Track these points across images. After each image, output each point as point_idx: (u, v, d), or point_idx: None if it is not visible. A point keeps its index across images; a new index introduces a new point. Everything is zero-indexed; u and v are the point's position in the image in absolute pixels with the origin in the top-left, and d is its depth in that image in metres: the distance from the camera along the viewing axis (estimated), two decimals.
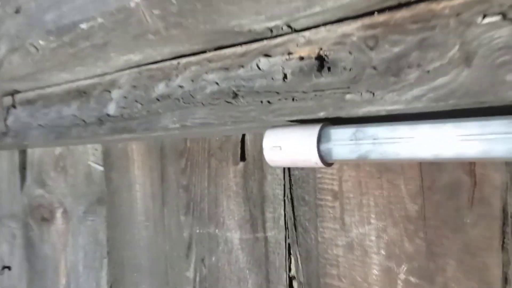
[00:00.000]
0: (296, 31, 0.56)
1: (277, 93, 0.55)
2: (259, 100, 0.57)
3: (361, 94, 0.48)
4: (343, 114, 0.49)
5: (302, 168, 0.68)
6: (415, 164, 0.58)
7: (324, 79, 0.51)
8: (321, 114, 0.51)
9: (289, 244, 0.70)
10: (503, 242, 0.52)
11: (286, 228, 0.70)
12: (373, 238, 0.62)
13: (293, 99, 0.53)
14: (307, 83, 0.53)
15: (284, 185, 0.70)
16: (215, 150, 0.79)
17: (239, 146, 0.76)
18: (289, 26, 0.56)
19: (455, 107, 0.43)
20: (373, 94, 0.47)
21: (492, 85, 0.40)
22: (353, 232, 0.63)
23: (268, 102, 0.56)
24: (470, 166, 0.54)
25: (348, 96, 0.49)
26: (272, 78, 0.56)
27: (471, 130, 0.42)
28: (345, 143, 0.50)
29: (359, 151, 0.49)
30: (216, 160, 0.79)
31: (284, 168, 0.70)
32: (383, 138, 0.47)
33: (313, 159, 0.50)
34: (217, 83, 0.62)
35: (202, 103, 0.63)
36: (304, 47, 0.55)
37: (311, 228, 0.67)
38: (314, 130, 0.50)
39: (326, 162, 0.51)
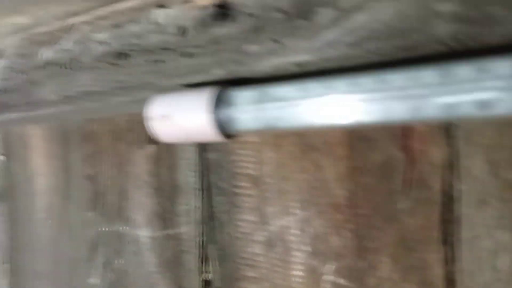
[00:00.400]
0: None
1: (173, 50, 0.44)
2: (152, 60, 0.45)
3: (265, 43, 0.37)
4: (244, 70, 0.39)
5: (218, 149, 0.57)
6: (343, 141, 0.48)
7: (226, 29, 0.41)
8: (220, 73, 0.40)
9: (203, 241, 0.59)
10: (444, 232, 0.42)
11: (200, 222, 0.59)
12: (296, 231, 0.51)
13: (190, 56, 0.42)
14: (206, 36, 0.42)
15: (199, 171, 0.59)
16: (124, 132, 0.67)
17: None
18: None
19: (377, 55, 0.33)
20: (279, 42, 0.37)
21: (421, 20, 0.30)
22: (274, 225, 0.53)
23: (162, 61, 0.45)
24: (405, 141, 0.44)
25: (250, 48, 0.38)
26: (168, 33, 0.45)
27: (398, 83, 0.33)
28: (247, 108, 0.39)
29: (265, 118, 0.38)
30: (125, 143, 0.67)
31: (198, 150, 0.59)
32: (293, 99, 0.37)
33: (209, 130, 0.40)
34: (107, 43, 0.51)
35: (89, 68, 0.51)
36: None
37: (228, 221, 0.57)
38: (209, 93, 0.39)
39: (227, 134, 0.41)
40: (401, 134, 0.44)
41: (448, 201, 0.42)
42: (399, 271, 0.45)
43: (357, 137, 0.47)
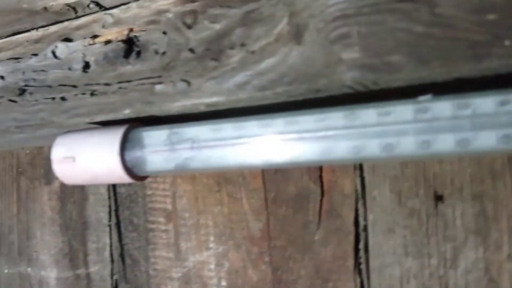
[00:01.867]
0: (104, 8, 0.44)
1: (74, 86, 0.42)
2: (51, 97, 0.43)
3: (175, 84, 0.36)
4: (153, 111, 0.38)
5: (129, 184, 0.55)
6: (257, 173, 0.48)
7: (132, 67, 0.39)
8: (127, 112, 0.38)
9: (116, 281, 0.56)
10: (357, 263, 0.44)
11: (112, 261, 0.56)
12: (212, 266, 0.50)
13: (92, 94, 0.40)
14: (112, 73, 0.40)
15: (110, 207, 0.56)
16: (25, 166, 0.62)
17: None
18: (96, 3, 0.43)
19: (287, 96, 0.33)
20: (189, 83, 0.36)
21: (327, 66, 0.31)
22: (190, 260, 0.51)
23: (62, 98, 0.42)
24: (317, 173, 0.45)
25: (158, 87, 0.37)
26: (70, 68, 0.42)
27: (306, 125, 0.33)
28: (158, 149, 0.38)
29: (177, 159, 0.37)
30: (26, 179, 0.62)
31: (108, 185, 0.56)
32: (204, 140, 0.36)
33: (117, 172, 0.38)
34: (2, 77, 0.47)
35: None
36: (111, 28, 0.42)
37: (141, 258, 0.54)
38: (116, 133, 0.37)
39: (136, 175, 0.39)
40: (314, 167, 0.45)
41: (358, 230, 0.44)
42: None
43: (272, 170, 0.47)
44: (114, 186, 0.56)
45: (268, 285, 0.48)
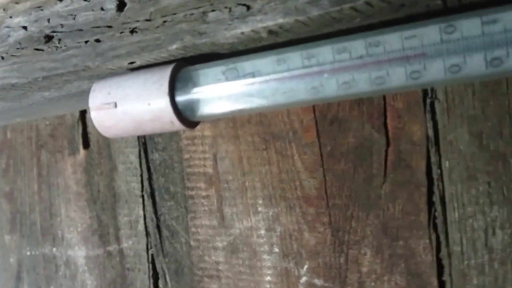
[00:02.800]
0: None
1: (109, 27, 0.36)
2: (84, 41, 0.37)
3: (231, 9, 0.31)
4: (205, 41, 0.33)
5: (164, 148, 0.50)
6: (311, 126, 0.43)
7: None
8: (175, 47, 0.33)
9: (152, 256, 0.51)
10: (432, 217, 0.39)
11: (147, 234, 0.51)
12: (262, 232, 0.45)
13: (132, 32, 0.35)
14: (152, 8, 0.35)
15: (142, 176, 0.51)
16: (46, 139, 0.58)
17: (78, 128, 0.55)
18: None
19: (366, 13, 0.28)
20: (248, 7, 0.31)
21: None
22: (236, 227, 0.47)
23: (96, 41, 0.37)
24: (381, 119, 0.40)
25: (211, 15, 0.32)
26: (102, 9, 0.37)
27: (393, 46, 0.28)
28: (213, 88, 0.33)
29: (236, 97, 0.32)
30: (47, 152, 0.58)
31: (139, 152, 0.51)
32: (270, 73, 0.31)
33: (166, 117, 0.33)
34: (24, 28, 0.42)
35: (2, 57, 0.42)
36: None
37: (180, 229, 0.49)
38: (164, 71, 0.33)
39: (189, 120, 0.34)
40: (376, 112, 0.40)
41: (432, 182, 0.39)
42: (382, 264, 0.41)
43: (327, 120, 0.42)
44: (146, 152, 0.51)
45: (328, 248, 0.43)
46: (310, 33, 0.33)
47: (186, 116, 0.33)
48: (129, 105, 0.33)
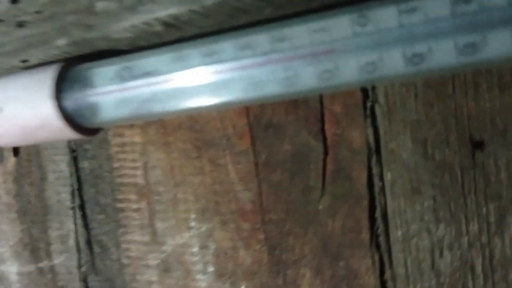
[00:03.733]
0: None
1: (1, 21, 0.32)
2: None
3: None
4: (95, 35, 0.28)
5: (93, 157, 0.45)
6: (244, 132, 0.39)
7: None
8: (62, 43, 0.29)
9: (84, 273, 0.47)
10: (374, 234, 0.34)
11: (79, 249, 0.47)
12: (196, 249, 0.41)
13: (20, 25, 0.31)
14: None
15: (72, 186, 0.47)
16: None
17: None
18: None
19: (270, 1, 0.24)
20: None
21: None
22: (169, 244, 0.42)
23: None
24: (318, 125, 0.36)
25: (99, 5, 0.28)
26: None
27: (300, 40, 0.24)
28: (105, 90, 0.28)
29: (132, 101, 0.28)
30: None
31: (71, 160, 0.47)
32: (166, 73, 0.27)
33: (53, 123, 0.28)
34: None
35: None
36: None
37: (111, 244, 0.45)
38: (49, 71, 0.28)
39: (81, 126, 0.30)
40: (313, 116, 0.36)
41: (373, 194, 0.34)
42: (325, 284, 0.37)
43: (261, 126, 0.38)
44: (75, 160, 0.46)
45: (264, 268, 0.38)
46: (216, 27, 0.28)
47: (79, 122, 0.29)
48: (14, 110, 0.29)
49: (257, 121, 0.38)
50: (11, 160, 0.50)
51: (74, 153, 0.46)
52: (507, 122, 0.30)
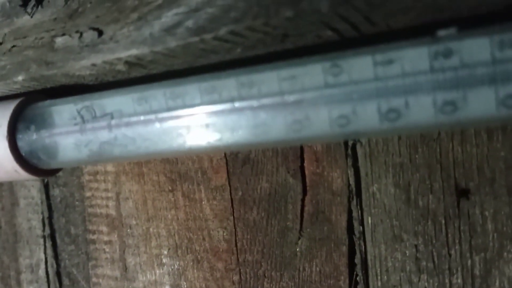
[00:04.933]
0: None
1: None
2: None
3: (81, 34, 0.25)
4: (54, 75, 0.26)
5: (64, 184, 0.43)
6: (220, 167, 0.37)
7: (30, 17, 0.28)
8: (21, 79, 0.27)
9: None
10: (353, 282, 0.32)
11: (48, 280, 0.45)
12: (167, 287, 0.39)
13: None
14: (6, 28, 0.29)
15: (43, 213, 0.45)
16: None
17: None
18: None
19: (236, 44, 0.22)
20: (100, 32, 0.25)
21: None
22: (140, 280, 0.40)
23: None
24: (297, 163, 0.34)
25: (59, 41, 0.26)
26: None
27: (268, 87, 0.22)
28: (64, 130, 0.26)
29: (91, 143, 0.26)
30: None
31: (41, 186, 0.45)
32: (128, 115, 0.25)
33: (7, 164, 0.26)
34: None
35: None
36: None
37: (80, 278, 0.43)
38: (5, 109, 0.26)
39: (36, 167, 0.28)
40: (292, 153, 0.34)
41: (352, 238, 0.33)
42: None
43: (238, 161, 0.36)
44: (46, 188, 0.44)
45: None
46: (185, 65, 0.26)
47: (32, 162, 0.27)
48: None
49: (234, 155, 0.36)
50: None
51: (45, 179, 0.44)
52: (495, 170, 0.28)
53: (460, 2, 0.19)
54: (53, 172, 0.30)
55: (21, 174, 0.27)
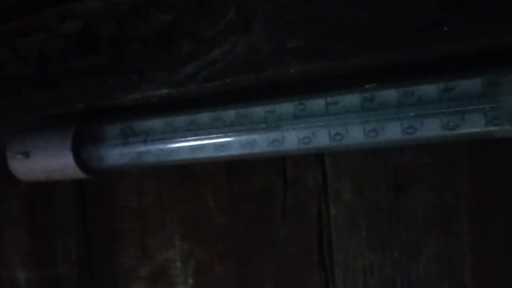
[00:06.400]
0: (60, 2, 0.43)
1: (30, 79, 0.41)
2: (10, 90, 0.42)
3: (127, 76, 0.36)
4: (106, 103, 0.37)
5: (96, 182, 0.54)
6: (221, 169, 0.47)
7: (85, 59, 0.38)
8: (80, 106, 0.38)
9: (84, 282, 0.55)
10: (321, 256, 0.43)
11: (79, 261, 0.55)
12: (179, 264, 0.50)
13: (48, 86, 0.39)
14: (66, 65, 0.39)
15: (76, 206, 0.55)
16: None
17: None
18: None
19: (235, 87, 0.33)
20: (141, 75, 0.35)
21: (273, 55, 0.30)
22: (157, 258, 0.51)
23: (18, 91, 0.41)
24: (280, 167, 0.45)
25: (111, 80, 0.36)
26: (26, 62, 0.42)
27: (256, 117, 0.33)
28: (112, 143, 0.37)
29: (131, 153, 0.37)
30: None
31: (75, 184, 0.55)
32: (158, 134, 0.36)
33: (71, 167, 0.37)
34: None
35: None
36: (67, 22, 0.41)
37: (109, 258, 0.53)
38: (69, 128, 0.37)
39: (91, 170, 0.38)
40: (277, 161, 0.45)
41: (321, 224, 0.43)
42: None
43: (236, 165, 0.47)
44: (80, 185, 0.55)
45: (234, 281, 0.47)
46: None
47: (89, 167, 0.37)
48: (39, 157, 0.37)
49: (232, 161, 0.47)
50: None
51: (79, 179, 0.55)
52: (423, 173, 0.39)
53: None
54: (103, 174, 0.40)
55: (79, 174, 0.37)
